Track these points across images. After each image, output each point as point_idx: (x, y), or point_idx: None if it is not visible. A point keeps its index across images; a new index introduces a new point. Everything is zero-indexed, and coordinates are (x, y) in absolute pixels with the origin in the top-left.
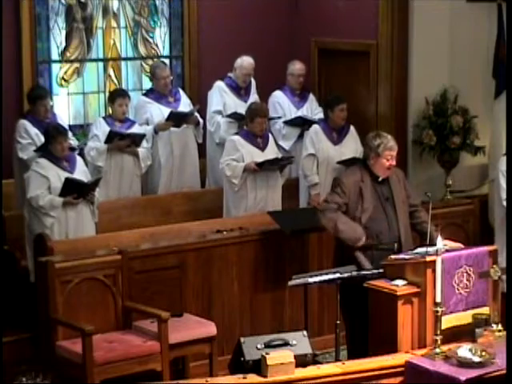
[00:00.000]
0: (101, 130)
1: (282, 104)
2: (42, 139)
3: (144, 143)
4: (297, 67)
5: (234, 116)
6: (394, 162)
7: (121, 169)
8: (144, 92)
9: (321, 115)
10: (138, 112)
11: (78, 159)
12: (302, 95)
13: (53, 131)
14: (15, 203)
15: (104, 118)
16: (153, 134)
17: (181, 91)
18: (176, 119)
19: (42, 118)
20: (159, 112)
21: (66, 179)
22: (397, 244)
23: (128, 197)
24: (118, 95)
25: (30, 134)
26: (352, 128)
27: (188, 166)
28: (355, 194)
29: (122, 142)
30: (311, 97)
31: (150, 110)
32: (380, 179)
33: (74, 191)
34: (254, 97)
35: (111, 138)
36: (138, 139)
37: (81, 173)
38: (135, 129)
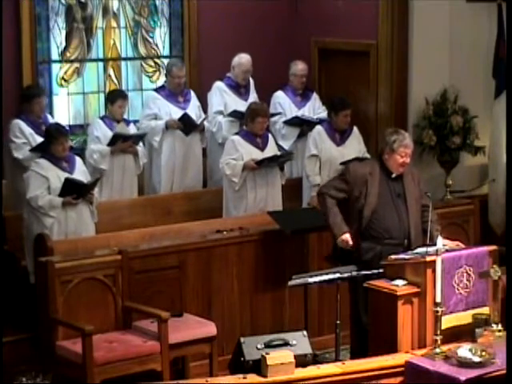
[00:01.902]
0: (101, 131)
1: (282, 104)
2: (37, 139)
3: (140, 142)
4: (299, 67)
5: (235, 114)
6: (407, 160)
7: (123, 169)
8: (155, 88)
9: (323, 114)
10: (146, 106)
11: (78, 160)
12: (304, 95)
13: (54, 131)
14: (9, 204)
15: (101, 118)
16: (163, 129)
17: (192, 93)
18: (186, 124)
19: (36, 118)
20: (167, 109)
21: (66, 179)
22: (406, 240)
23: (128, 197)
24: (118, 96)
25: (24, 134)
26: (355, 129)
27: (191, 169)
28: (360, 185)
29: (125, 143)
30: (314, 96)
31: (159, 105)
32: (393, 175)
33: (74, 192)
34: (253, 95)
35: (115, 140)
36: (139, 139)
37: (80, 173)
38: (131, 128)
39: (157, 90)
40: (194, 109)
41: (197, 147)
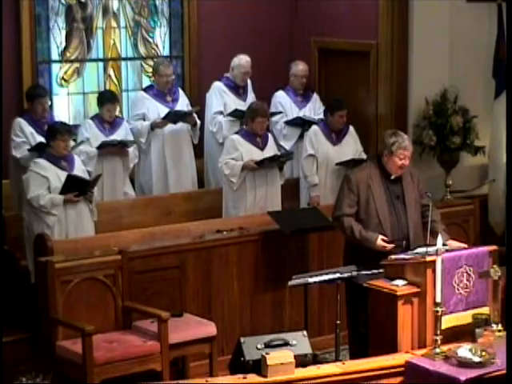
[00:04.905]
0: (91, 132)
1: (283, 104)
2: (37, 139)
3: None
4: (300, 68)
5: (235, 113)
6: (406, 162)
7: (113, 171)
8: (144, 87)
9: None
10: (135, 106)
11: (77, 159)
12: (305, 95)
13: (59, 127)
14: (11, 203)
15: (92, 118)
16: (149, 130)
17: (180, 91)
18: (173, 118)
19: (39, 118)
20: (156, 110)
21: (68, 176)
22: (405, 242)
23: (127, 197)
24: (106, 100)
25: (24, 133)
26: (351, 128)
27: (183, 168)
28: (365, 191)
29: (113, 148)
30: (315, 96)
31: (148, 106)
32: (392, 177)
33: (75, 188)
34: (251, 95)
35: (103, 147)
36: (128, 144)
37: (79, 172)
38: (123, 127)
39: (145, 89)
40: (182, 107)
41: (187, 146)
